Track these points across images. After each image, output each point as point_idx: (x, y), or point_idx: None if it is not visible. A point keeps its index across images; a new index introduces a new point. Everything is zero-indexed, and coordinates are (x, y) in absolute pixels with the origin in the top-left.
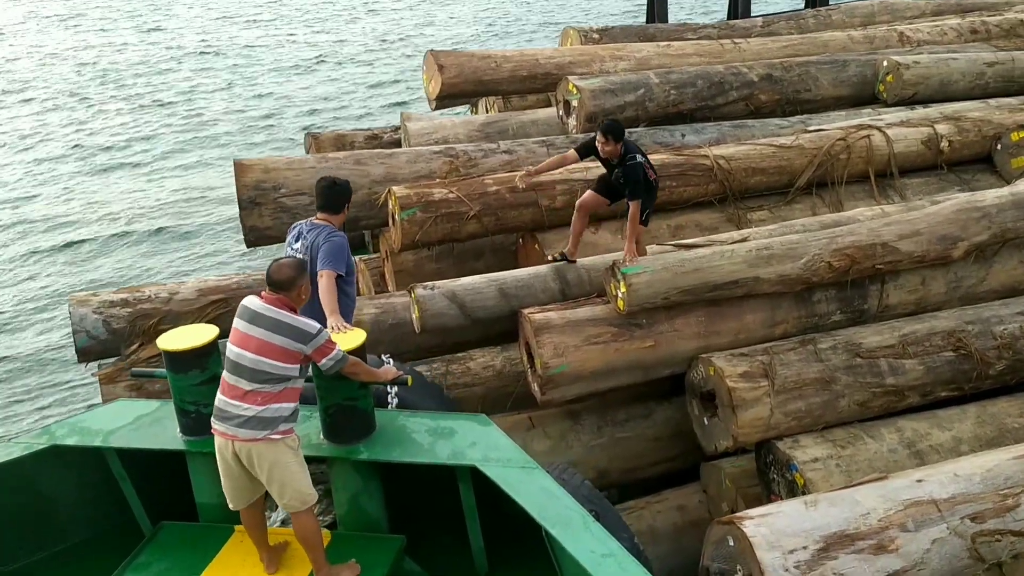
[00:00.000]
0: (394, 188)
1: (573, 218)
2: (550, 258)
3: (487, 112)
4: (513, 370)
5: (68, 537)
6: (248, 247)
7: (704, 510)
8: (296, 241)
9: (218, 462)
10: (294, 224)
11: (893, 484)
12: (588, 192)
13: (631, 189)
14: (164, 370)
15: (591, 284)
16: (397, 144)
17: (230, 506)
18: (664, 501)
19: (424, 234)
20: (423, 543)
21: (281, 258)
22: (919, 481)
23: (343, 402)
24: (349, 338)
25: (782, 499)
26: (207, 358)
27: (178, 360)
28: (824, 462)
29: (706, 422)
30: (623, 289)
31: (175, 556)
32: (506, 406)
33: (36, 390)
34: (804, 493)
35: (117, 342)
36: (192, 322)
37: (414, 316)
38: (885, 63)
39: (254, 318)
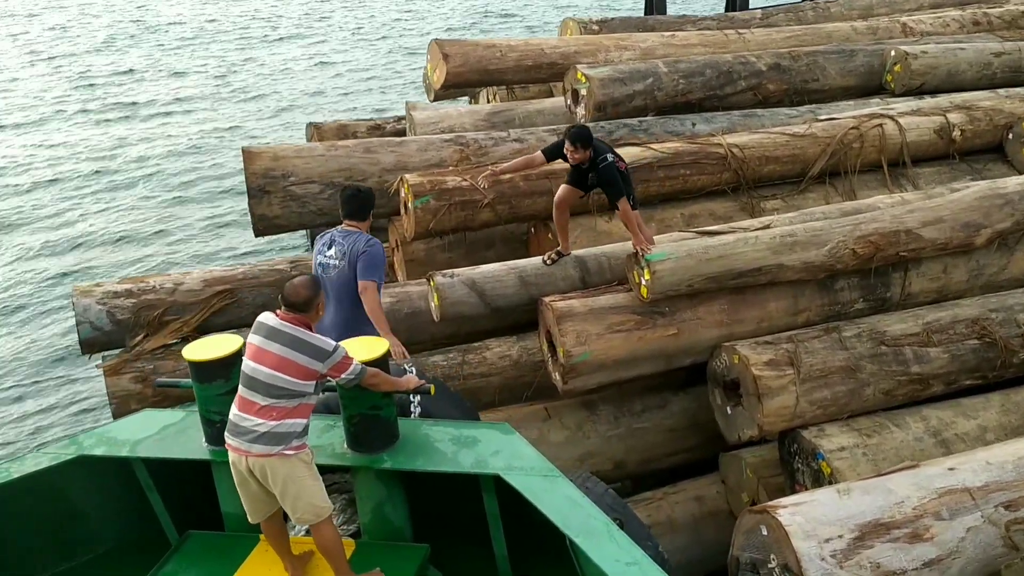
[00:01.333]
0: (407, 176)
1: (554, 215)
2: (547, 261)
3: (488, 102)
4: (530, 360)
5: (95, 546)
6: (256, 236)
7: (722, 501)
8: (329, 248)
9: (234, 476)
10: (323, 233)
11: (925, 472)
12: (562, 187)
13: (612, 191)
14: (188, 380)
15: (611, 272)
16: (400, 133)
17: (249, 519)
18: (682, 492)
19: (438, 223)
20: (447, 552)
21: (295, 277)
22: (951, 469)
23: (367, 411)
24: (371, 348)
25: (807, 488)
26: (232, 368)
27: (203, 370)
28: (851, 451)
29: (729, 411)
30: (647, 276)
31: (201, 565)
32: (523, 396)
33: (42, 384)
34: (831, 482)
35: (121, 333)
36: (198, 312)
37: (433, 304)
38: (893, 53)
39: (271, 334)
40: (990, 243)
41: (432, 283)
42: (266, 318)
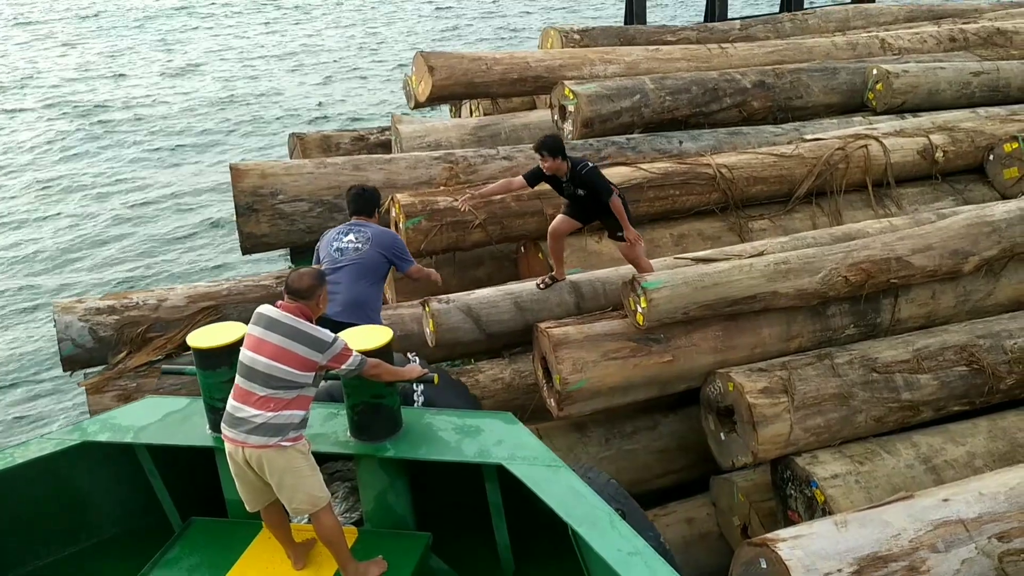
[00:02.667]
0: (398, 196)
1: (549, 244)
2: (540, 285)
3: (471, 114)
4: (522, 383)
5: (99, 532)
6: (244, 254)
7: (713, 523)
8: (346, 235)
9: (231, 466)
10: (332, 228)
11: (920, 503)
12: (559, 217)
13: (601, 193)
14: (192, 367)
15: (606, 297)
16: (384, 145)
17: (247, 508)
18: (672, 513)
19: (429, 243)
20: (449, 541)
21: (300, 267)
22: (945, 500)
23: (370, 400)
24: (375, 337)
25: (800, 515)
26: (236, 355)
27: (207, 357)
28: (844, 478)
29: (723, 437)
30: (643, 304)
31: (204, 552)
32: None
33: (21, 400)
34: (824, 510)
35: (104, 350)
36: (181, 329)
37: (428, 330)
38: (875, 71)
39: (270, 324)
40: (977, 270)
41: (427, 309)
42: (266, 309)
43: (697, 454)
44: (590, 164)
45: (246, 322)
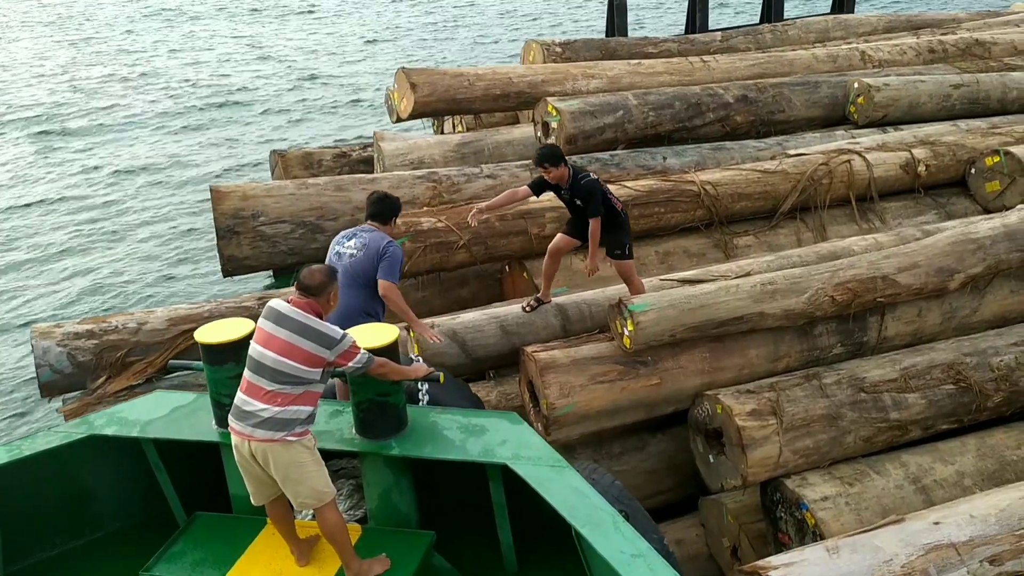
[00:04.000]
0: None
1: (545, 262)
2: (526, 308)
3: (454, 128)
4: (509, 405)
5: (104, 525)
6: (225, 276)
7: (702, 544)
8: (349, 240)
9: (236, 460)
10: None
11: (911, 527)
12: (559, 235)
13: (591, 206)
14: (200, 362)
15: (592, 319)
16: (367, 162)
17: (252, 501)
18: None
19: (413, 264)
20: (453, 539)
21: (312, 264)
22: (936, 524)
23: (375, 398)
24: (381, 335)
25: (790, 537)
26: (243, 351)
27: (214, 353)
28: (834, 500)
29: (711, 460)
30: (630, 327)
31: (208, 546)
32: None
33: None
34: (815, 532)
35: (83, 375)
36: (162, 353)
37: (413, 355)
38: (856, 85)
39: (280, 319)
40: (963, 287)
41: (412, 334)
42: (277, 304)
43: (685, 474)
44: (592, 175)
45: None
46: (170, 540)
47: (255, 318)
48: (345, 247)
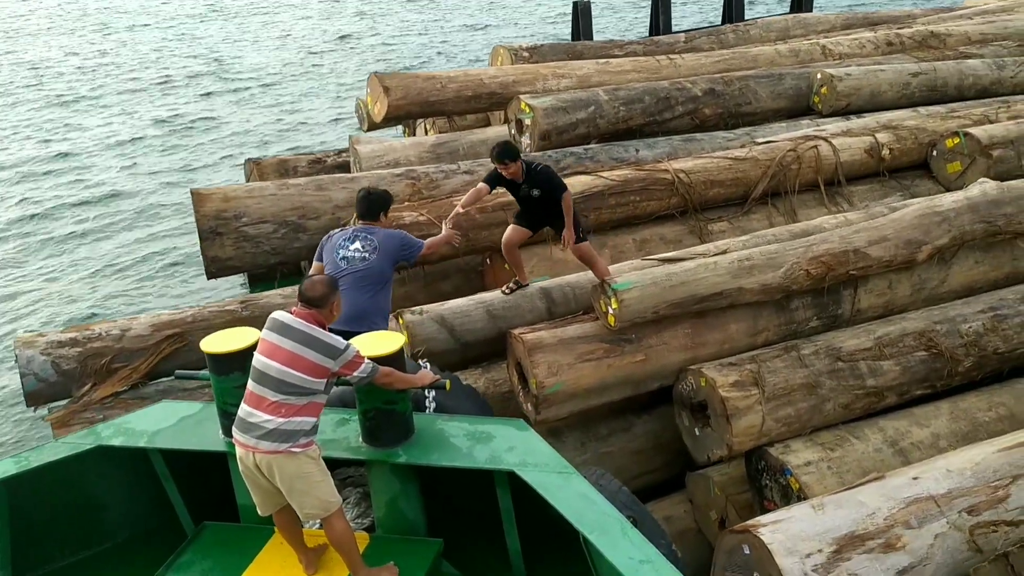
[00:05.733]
0: None
1: (505, 256)
2: (506, 290)
3: (426, 132)
4: (496, 391)
5: (113, 536)
6: (209, 278)
7: (690, 520)
8: (352, 243)
9: (241, 471)
10: (337, 230)
11: (892, 483)
12: (510, 228)
13: (555, 189)
14: (206, 372)
15: (576, 301)
16: (343, 167)
17: (259, 512)
18: (652, 513)
19: None
20: (461, 547)
21: (314, 275)
22: (915, 479)
23: (382, 406)
24: (386, 343)
25: (776, 504)
26: (249, 360)
27: (220, 362)
28: (816, 465)
29: (697, 433)
30: (614, 305)
31: (216, 556)
32: None
33: None
34: (799, 497)
35: (68, 383)
36: (147, 359)
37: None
38: (819, 76)
39: (284, 330)
40: (930, 258)
41: (401, 321)
42: (280, 315)
43: (671, 453)
44: (542, 164)
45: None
46: (178, 550)
47: (240, 322)
48: (350, 250)
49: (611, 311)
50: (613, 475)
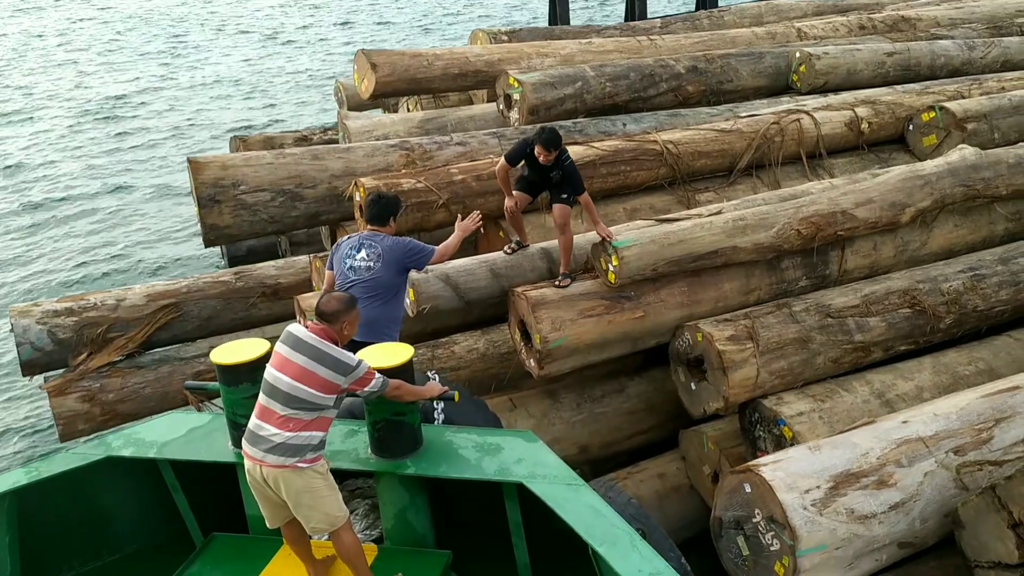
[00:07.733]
0: (362, 179)
1: (508, 220)
2: (507, 250)
3: (409, 111)
4: (496, 352)
5: (122, 546)
6: (207, 246)
7: (683, 476)
8: (358, 251)
9: (249, 483)
10: (345, 237)
11: (883, 426)
12: (516, 193)
13: (573, 187)
14: (216, 383)
15: (576, 261)
16: (330, 144)
17: (267, 524)
18: (645, 471)
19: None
20: (469, 559)
21: (333, 292)
22: (904, 422)
23: (391, 417)
24: (395, 354)
25: (770, 453)
26: (259, 372)
27: (230, 373)
28: (808, 415)
29: (694, 387)
30: (615, 262)
31: (225, 567)
32: (491, 388)
33: None
34: (793, 445)
35: (64, 352)
36: (142, 328)
37: (409, 300)
38: (798, 54)
39: (297, 344)
40: (913, 220)
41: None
42: (295, 328)
43: (664, 413)
44: (570, 157)
45: (208, 322)
46: (188, 561)
47: (233, 292)
48: (357, 260)
49: (611, 268)
50: (608, 435)
